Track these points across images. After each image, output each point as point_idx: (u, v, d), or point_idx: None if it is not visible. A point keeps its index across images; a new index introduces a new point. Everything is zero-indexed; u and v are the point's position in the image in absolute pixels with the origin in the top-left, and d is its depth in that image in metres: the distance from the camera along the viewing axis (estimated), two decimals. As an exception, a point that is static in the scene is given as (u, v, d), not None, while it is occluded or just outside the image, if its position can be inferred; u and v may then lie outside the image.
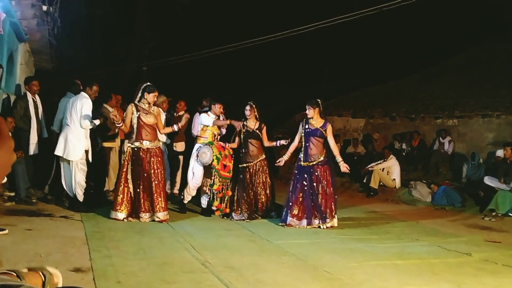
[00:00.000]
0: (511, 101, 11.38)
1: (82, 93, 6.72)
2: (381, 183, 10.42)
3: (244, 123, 7.12)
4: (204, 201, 7.06)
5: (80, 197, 6.62)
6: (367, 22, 13.55)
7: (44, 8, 7.64)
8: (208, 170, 6.83)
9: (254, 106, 7.19)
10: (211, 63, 17.09)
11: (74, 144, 6.53)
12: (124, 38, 18.42)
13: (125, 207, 6.24)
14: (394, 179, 10.48)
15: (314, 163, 6.64)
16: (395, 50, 19.05)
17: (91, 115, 6.61)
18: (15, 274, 1.13)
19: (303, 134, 6.82)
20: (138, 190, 6.25)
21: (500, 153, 9.30)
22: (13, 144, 0.97)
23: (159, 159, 6.41)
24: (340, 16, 11.09)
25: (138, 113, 6.35)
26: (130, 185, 6.27)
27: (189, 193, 7.09)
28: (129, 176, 6.27)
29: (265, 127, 7.16)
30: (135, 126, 6.34)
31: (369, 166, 10.64)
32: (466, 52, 16.17)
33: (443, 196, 9.29)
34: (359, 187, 10.87)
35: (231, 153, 7.05)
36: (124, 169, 6.32)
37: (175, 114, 8.33)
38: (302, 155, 6.76)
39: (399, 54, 18.73)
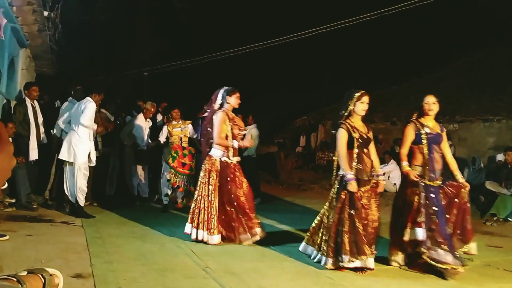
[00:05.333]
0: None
1: (88, 97, 6.74)
2: (382, 188, 10.40)
3: (349, 123, 4.82)
4: (164, 198, 7.55)
5: (82, 202, 6.62)
6: (368, 27, 13.59)
7: (45, 13, 7.66)
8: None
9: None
10: (212, 69, 17.12)
11: (78, 148, 6.55)
12: (126, 44, 18.47)
13: (217, 227, 5.46)
14: (395, 184, 10.46)
15: (441, 182, 4.82)
16: (396, 55, 19.08)
17: (91, 117, 6.65)
18: (15, 280, 1.12)
19: (425, 141, 4.84)
20: (229, 208, 5.49)
21: (500, 157, 9.29)
22: (13, 148, 0.97)
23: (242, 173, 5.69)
24: (340, 21, 11.11)
25: (230, 123, 5.60)
26: (216, 203, 5.48)
27: (164, 192, 7.56)
28: (216, 194, 5.48)
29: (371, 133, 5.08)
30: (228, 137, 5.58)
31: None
32: (467, 57, 16.20)
33: (444, 201, 9.26)
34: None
35: (193, 152, 7.55)
36: (212, 186, 5.48)
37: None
38: (426, 170, 4.78)
39: (400, 59, 18.77)
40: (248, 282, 4.11)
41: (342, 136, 4.73)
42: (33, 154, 7.03)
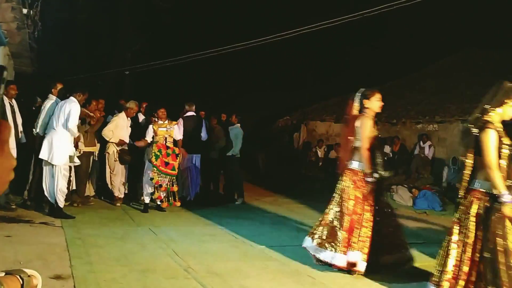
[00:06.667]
0: (490, 106, 11.56)
1: (72, 97, 6.65)
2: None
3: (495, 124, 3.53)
4: (146, 197, 7.55)
5: (61, 203, 6.52)
6: (350, 28, 13.70)
7: (25, 11, 7.52)
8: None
9: None
10: (195, 68, 17.06)
11: (59, 148, 6.45)
12: (107, 42, 18.28)
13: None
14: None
15: None
16: (377, 56, 19.27)
17: (77, 121, 6.57)
18: (-8, 281, 1.11)
19: None
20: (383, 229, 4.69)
21: (479, 157, 9.45)
22: (9, 148, 0.97)
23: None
24: (324, 21, 11.18)
25: (376, 130, 4.81)
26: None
27: (146, 191, 7.57)
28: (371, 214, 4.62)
29: None
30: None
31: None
32: (447, 59, 16.44)
33: (424, 200, 9.40)
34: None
35: (177, 152, 7.69)
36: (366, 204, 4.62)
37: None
38: None
39: (382, 60, 18.95)
40: (230, 282, 4.12)
41: (492, 139, 3.38)
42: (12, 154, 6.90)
